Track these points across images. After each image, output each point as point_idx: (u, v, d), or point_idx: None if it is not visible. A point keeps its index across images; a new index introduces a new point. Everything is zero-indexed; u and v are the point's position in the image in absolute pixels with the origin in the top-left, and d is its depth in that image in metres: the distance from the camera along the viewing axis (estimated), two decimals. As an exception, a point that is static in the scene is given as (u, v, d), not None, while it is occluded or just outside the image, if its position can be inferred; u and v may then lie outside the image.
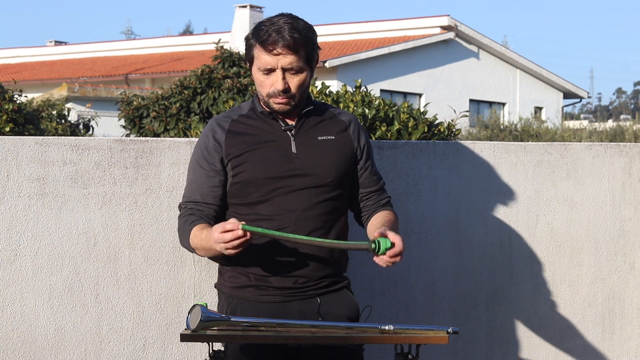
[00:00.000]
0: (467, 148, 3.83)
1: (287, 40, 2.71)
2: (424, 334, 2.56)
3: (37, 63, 32.44)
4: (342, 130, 2.91)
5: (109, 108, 19.70)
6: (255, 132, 2.84)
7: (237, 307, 2.84)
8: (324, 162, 2.83)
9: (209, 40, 22.82)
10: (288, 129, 2.84)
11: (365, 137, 2.96)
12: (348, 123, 2.93)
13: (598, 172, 4.06)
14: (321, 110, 2.93)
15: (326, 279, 2.84)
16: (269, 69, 2.75)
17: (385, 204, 3.00)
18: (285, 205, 2.78)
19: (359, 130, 2.94)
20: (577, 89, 31.87)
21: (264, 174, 2.79)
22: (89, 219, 3.29)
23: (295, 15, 2.83)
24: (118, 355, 3.31)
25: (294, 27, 2.73)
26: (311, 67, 2.81)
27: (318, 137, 2.86)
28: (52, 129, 13.63)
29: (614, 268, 4.10)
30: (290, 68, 2.75)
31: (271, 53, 2.73)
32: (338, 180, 2.85)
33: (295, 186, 2.79)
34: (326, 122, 2.91)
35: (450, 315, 3.81)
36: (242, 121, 2.87)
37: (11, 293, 3.22)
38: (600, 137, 20.10)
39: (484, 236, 3.86)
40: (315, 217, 2.79)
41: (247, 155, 2.81)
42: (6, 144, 3.21)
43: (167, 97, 10.18)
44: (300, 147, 2.82)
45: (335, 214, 2.85)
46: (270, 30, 2.73)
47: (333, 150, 2.86)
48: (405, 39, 26.46)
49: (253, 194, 2.81)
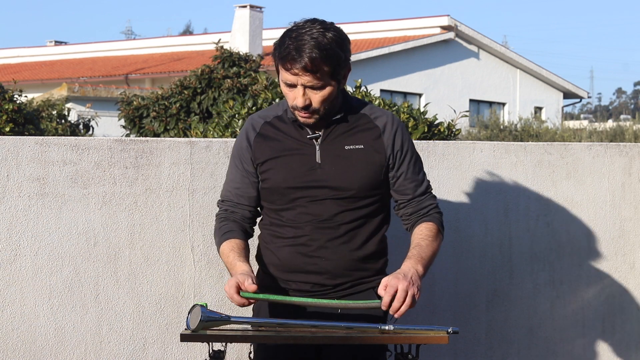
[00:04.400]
0: (467, 148, 3.83)
1: (304, 61, 2.61)
2: (424, 334, 2.56)
3: (37, 63, 32.43)
4: (375, 138, 2.79)
5: (109, 108, 19.69)
6: (283, 138, 2.79)
7: (260, 307, 2.86)
8: (348, 173, 2.75)
9: (209, 40, 22.79)
10: (314, 138, 2.78)
11: (402, 142, 2.81)
12: (383, 129, 2.80)
13: (598, 172, 4.06)
14: (355, 116, 2.81)
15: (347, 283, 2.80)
16: (290, 84, 2.68)
17: (426, 214, 2.84)
18: (305, 214, 2.76)
19: (394, 134, 2.80)
20: (577, 89, 31.87)
21: (286, 183, 2.76)
22: (89, 219, 3.29)
23: (329, 24, 2.70)
24: (118, 355, 3.31)
25: (317, 45, 2.61)
26: (338, 80, 2.70)
27: (345, 146, 2.76)
28: (52, 129, 13.63)
29: (614, 268, 4.10)
30: (310, 86, 2.66)
31: (289, 72, 2.65)
32: (364, 191, 2.76)
33: (317, 196, 2.75)
34: (358, 129, 2.79)
35: (450, 315, 3.81)
36: (274, 124, 2.82)
37: (11, 293, 3.22)
38: (600, 137, 20.09)
39: (484, 236, 3.86)
40: (335, 227, 2.75)
41: (272, 162, 2.78)
42: (6, 144, 3.21)
43: (167, 97, 10.18)
44: (325, 157, 2.76)
45: (360, 223, 2.79)
46: (292, 47, 2.62)
47: (361, 160, 2.76)
48: (405, 39, 26.46)
49: (277, 200, 2.80)
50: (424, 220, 2.82)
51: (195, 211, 3.39)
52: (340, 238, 2.76)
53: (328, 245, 2.75)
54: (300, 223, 2.76)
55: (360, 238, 2.78)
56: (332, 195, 2.75)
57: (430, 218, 2.83)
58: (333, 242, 2.75)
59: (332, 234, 2.75)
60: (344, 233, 2.76)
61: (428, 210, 2.84)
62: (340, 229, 2.76)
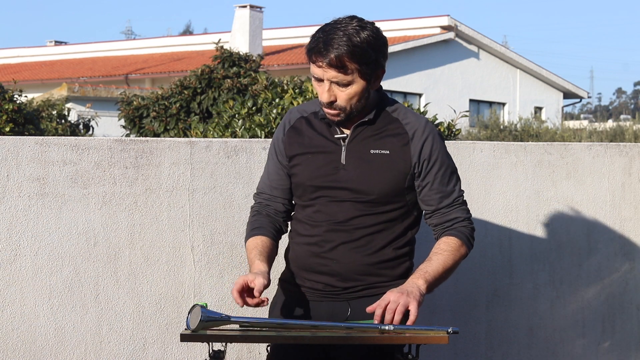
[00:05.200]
0: (467, 148, 3.83)
1: (330, 56, 2.57)
2: (424, 334, 2.56)
3: (37, 63, 32.44)
4: (402, 144, 2.71)
5: (109, 108, 19.69)
6: (312, 135, 2.77)
7: (277, 300, 2.88)
8: (370, 177, 2.70)
9: (209, 40, 22.79)
10: (342, 138, 2.74)
11: (430, 150, 2.72)
12: (412, 135, 2.71)
13: (598, 172, 4.06)
14: (387, 120, 2.74)
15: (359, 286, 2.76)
16: (317, 78, 2.65)
17: (451, 227, 2.74)
18: (323, 214, 2.74)
19: (424, 142, 2.71)
20: (577, 89, 31.88)
21: (309, 181, 2.75)
22: (89, 219, 3.29)
23: (367, 22, 2.64)
24: (118, 355, 3.31)
25: (348, 41, 2.57)
26: (368, 80, 2.64)
27: (371, 150, 2.71)
28: (52, 129, 13.63)
29: (614, 268, 4.10)
30: (336, 82, 2.62)
31: (315, 65, 2.62)
32: (384, 197, 2.71)
33: (337, 197, 2.72)
34: (386, 133, 2.73)
35: (450, 315, 3.81)
36: (309, 119, 2.80)
37: (11, 293, 3.22)
38: (600, 137, 20.10)
39: (484, 236, 3.86)
40: (349, 231, 2.72)
41: (300, 158, 2.77)
42: (6, 144, 3.21)
43: (167, 97, 10.18)
44: (350, 159, 2.72)
45: (379, 228, 2.73)
46: (321, 40, 2.59)
47: (384, 166, 2.69)
48: (405, 39, 26.46)
49: (302, 197, 2.79)
50: (446, 234, 2.74)
51: (195, 211, 3.39)
52: (354, 242, 2.72)
53: (340, 248, 2.72)
54: (316, 222, 2.75)
55: (378, 243, 2.73)
56: (352, 198, 2.71)
57: (453, 232, 2.74)
58: (346, 245, 2.72)
59: (345, 237, 2.72)
60: (359, 237, 2.72)
61: (453, 224, 2.75)
62: (355, 233, 2.72)
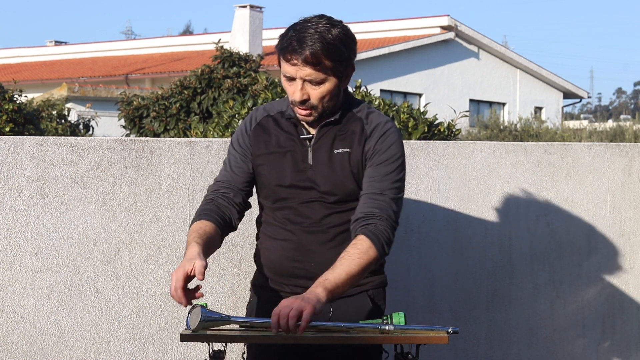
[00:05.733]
0: (467, 148, 3.83)
1: (305, 53, 2.57)
2: (424, 334, 2.56)
3: (37, 63, 32.43)
4: (361, 142, 2.72)
5: (109, 108, 19.69)
6: (279, 134, 2.76)
7: (254, 305, 2.85)
8: (335, 177, 2.72)
9: (209, 40, 22.78)
10: (308, 139, 2.74)
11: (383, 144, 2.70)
12: (370, 132, 2.72)
13: (598, 172, 4.06)
14: (351, 119, 2.75)
15: None
16: (289, 77, 2.65)
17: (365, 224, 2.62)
18: (295, 215, 2.74)
19: (379, 137, 2.71)
20: (577, 89, 31.87)
21: (277, 181, 2.74)
22: (89, 219, 3.29)
23: (336, 21, 2.66)
24: (118, 355, 3.31)
25: (321, 38, 2.58)
26: (339, 78, 2.65)
27: (334, 150, 2.72)
28: (52, 129, 13.62)
29: (614, 268, 4.10)
30: (310, 80, 2.62)
31: (289, 63, 2.62)
32: (349, 196, 2.73)
33: (306, 198, 2.72)
34: (349, 132, 2.73)
35: (450, 315, 3.81)
36: (275, 118, 2.78)
37: (11, 293, 3.22)
38: (600, 137, 20.10)
39: (484, 236, 3.86)
40: (324, 230, 2.73)
41: (265, 157, 2.75)
42: (6, 144, 3.21)
43: (167, 97, 10.18)
44: (316, 159, 2.73)
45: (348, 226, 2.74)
46: (294, 38, 2.59)
47: (345, 164, 2.71)
48: (405, 39, 26.46)
49: (269, 197, 2.78)
50: (359, 232, 2.63)
51: (195, 211, 3.39)
52: (330, 242, 2.73)
53: (317, 250, 2.72)
54: (290, 225, 2.74)
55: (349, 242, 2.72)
56: (320, 198, 2.72)
57: (365, 231, 2.61)
58: (323, 246, 2.72)
59: (321, 238, 2.73)
60: (334, 237, 2.73)
61: (369, 219, 2.63)
62: (329, 232, 2.73)
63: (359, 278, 2.60)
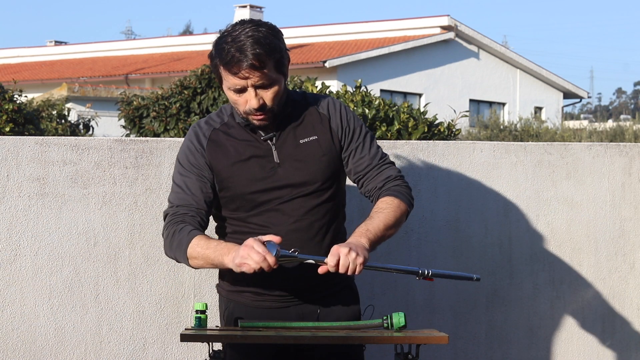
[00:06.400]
0: (467, 148, 3.83)
1: (250, 60, 2.58)
2: (424, 334, 2.56)
3: (37, 63, 32.43)
4: (324, 125, 2.76)
5: (109, 108, 19.69)
6: (236, 144, 2.73)
7: (234, 311, 2.79)
8: (308, 167, 2.72)
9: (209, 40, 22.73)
10: (268, 139, 2.73)
11: (347, 119, 2.78)
12: (327, 113, 2.78)
13: (598, 172, 4.06)
14: (301, 108, 2.78)
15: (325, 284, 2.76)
16: (239, 88, 2.64)
17: (385, 188, 2.77)
18: (276, 217, 2.71)
19: (340, 115, 2.78)
20: (577, 89, 31.87)
21: (249, 188, 2.71)
22: (89, 219, 3.29)
23: (257, 20, 2.67)
24: (118, 355, 3.31)
25: (256, 41, 2.59)
26: (284, 73, 2.68)
27: (300, 140, 2.73)
28: (52, 129, 13.62)
29: (614, 268, 4.10)
30: (261, 84, 2.63)
31: (238, 76, 2.61)
32: (327, 181, 2.74)
33: (284, 197, 2.71)
34: (307, 120, 2.77)
35: (450, 315, 3.81)
36: (224, 130, 2.75)
37: (11, 293, 3.22)
38: (600, 137, 20.10)
39: (484, 236, 3.86)
40: (308, 227, 2.72)
41: (230, 169, 2.71)
42: (6, 144, 3.21)
43: (167, 97, 10.17)
44: (283, 156, 2.72)
45: (329, 217, 2.76)
46: (233, 49, 2.59)
47: (317, 151, 2.73)
48: (405, 39, 26.46)
49: (241, 207, 2.74)
50: (382, 196, 2.75)
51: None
52: (314, 239, 2.73)
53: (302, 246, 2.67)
54: (271, 227, 2.70)
55: (331, 235, 2.76)
56: (297, 194, 2.71)
57: (390, 192, 2.75)
58: (308, 243, 2.71)
59: (304, 236, 2.71)
60: (317, 232, 2.73)
61: (385, 184, 2.78)
62: (312, 228, 2.73)
63: (394, 230, 2.72)
